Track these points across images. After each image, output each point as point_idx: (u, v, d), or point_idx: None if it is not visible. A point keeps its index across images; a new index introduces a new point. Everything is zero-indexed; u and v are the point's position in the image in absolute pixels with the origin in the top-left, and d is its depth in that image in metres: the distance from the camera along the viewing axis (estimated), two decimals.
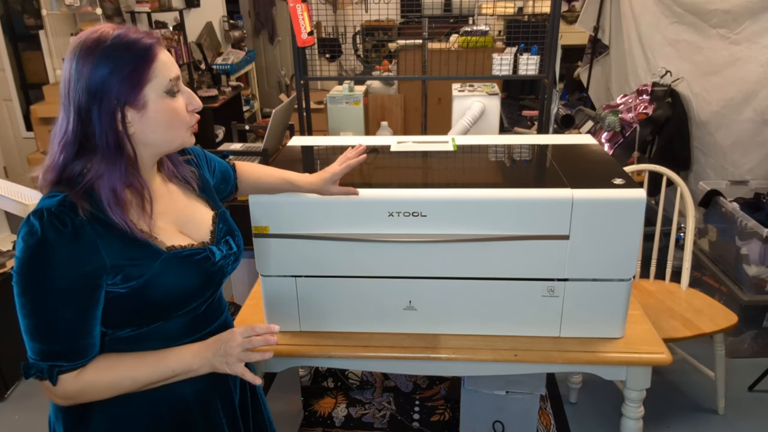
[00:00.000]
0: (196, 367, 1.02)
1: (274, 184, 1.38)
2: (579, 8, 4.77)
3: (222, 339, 1.02)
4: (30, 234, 0.89)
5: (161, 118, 0.96)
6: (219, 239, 1.11)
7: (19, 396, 2.44)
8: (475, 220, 1.38)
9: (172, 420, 1.07)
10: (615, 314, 1.46)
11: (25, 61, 4.34)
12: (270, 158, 2.44)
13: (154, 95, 0.94)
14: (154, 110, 0.95)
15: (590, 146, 1.73)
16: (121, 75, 0.91)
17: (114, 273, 0.94)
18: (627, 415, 1.52)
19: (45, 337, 0.93)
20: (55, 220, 0.89)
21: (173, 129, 0.98)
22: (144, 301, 0.98)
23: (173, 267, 0.99)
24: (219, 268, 1.08)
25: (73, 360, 0.95)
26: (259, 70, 6.41)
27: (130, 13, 4.30)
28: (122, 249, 0.95)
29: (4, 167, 4.41)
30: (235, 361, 1.00)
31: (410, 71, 3.96)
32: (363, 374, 2.49)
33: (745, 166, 2.71)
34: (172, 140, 1.00)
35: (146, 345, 1.03)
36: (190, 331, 1.08)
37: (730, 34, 2.73)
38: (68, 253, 0.90)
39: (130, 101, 0.92)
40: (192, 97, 1.01)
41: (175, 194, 1.10)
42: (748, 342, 2.52)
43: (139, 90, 0.92)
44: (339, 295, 1.50)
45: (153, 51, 0.94)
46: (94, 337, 0.97)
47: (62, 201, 0.91)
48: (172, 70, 0.96)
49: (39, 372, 0.94)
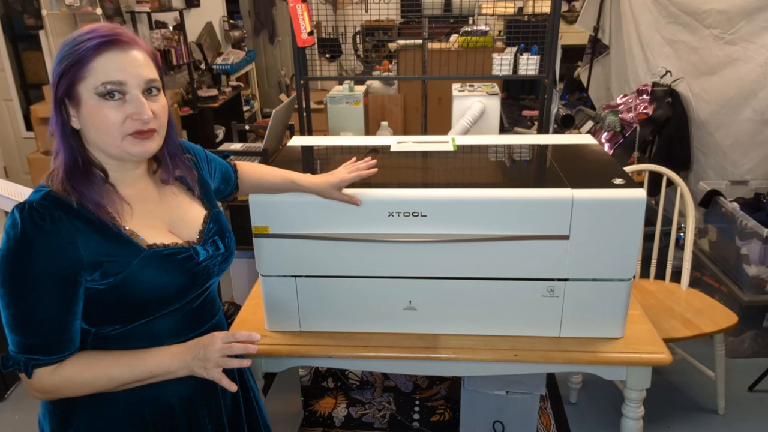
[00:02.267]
0: (174, 369, 1.01)
1: (276, 184, 1.38)
2: (579, 8, 4.77)
3: (201, 343, 1.02)
4: (11, 226, 0.91)
5: (91, 120, 0.95)
6: (206, 239, 1.10)
7: (19, 396, 2.44)
8: (475, 220, 1.38)
9: (155, 423, 1.07)
10: (615, 314, 1.46)
11: (25, 61, 4.34)
12: (270, 158, 2.44)
13: (87, 95, 0.94)
14: (86, 110, 0.95)
15: (590, 146, 1.73)
16: (61, 67, 0.93)
17: (92, 269, 0.95)
18: (627, 415, 1.52)
19: (23, 330, 0.94)
20: (35, 214, 0.91)
21: (102, 134, 0.95)
22: (124, 299, 0.98)
23: (153, 265, 0.99)
24: (203, 268, 1.07)
25: (51, 354, 0.96)
26: (259, 70, 6.42)
27: (130, 13, 4.31)
28: (102, 245, 0.95)
29: (4, 167, 4.41)
30: (212, 365, 0.99)
31: (410, 71, 3.96)
32: (363, 374, 2.49)
33: (745, 166, 2.71)
34: (106, 145, 0.97)
35: (133, 344, 1.02)
36: (179, 333, 1.07)
37: (724, 35, 2.73)
38: (45, 247, 0.91)
39: (67, 94, 0.94)
40: (140, 107, 0.95)
41: (168, 195, 1.10)
42: (748, 342, 2.52)
43: (72, 85, 0.93)
44: (339, 295, 1.50)
45: (94, 50, 0.92)
46: (73, 333, 0.97)
47: (45, 195, 0.94)
48: (112, 74, 0.93)
49: (16, 364, 0.95)
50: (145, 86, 0.97)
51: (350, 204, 1.38)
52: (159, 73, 1.01)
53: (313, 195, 1.39)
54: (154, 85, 0.98)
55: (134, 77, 0.95)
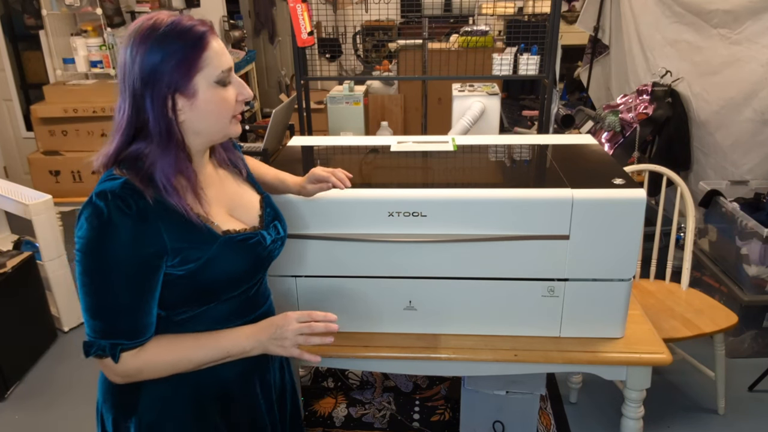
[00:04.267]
0: (249, 348, 1.05)
1: (270, 183, 1.39)
2: (579, 8, 4.77)
3: (275, 323, 1.05)
4: (95, 215, 0.91)
5: (210, 108, 0.97)
6: (268, 223, 1.14)
7: (19, 396, 2.44)
8: (475, 220, 1.38)
9: (213, 400, 1.10)
10: (615, 314, 1.46)
11: (25, 61, 4.34)
12: (270, 158, 2.44)
13: (205, 84, 0.96)
14: (203, 99, 0.96)
15: (590, 146, 1.73)
16: (172, 63, 0.92)
17: (173, 255, 0.97)
18: (627, 415, 1.52)
19: (106, 316, 0.95)
20: (120, 202, 0.92)
21: (221, 119, 1.00)
22: (199, 283, 1.00)
23: (229, 251, 1.02)
24: (268, 253, 1.11)
25: (134, 338, 0.97)
26: (259, 70, 6.41)
27: (130, 13, 4.30)
28: (182, 232, 0.97)
29: (4, 167, 4.41)
30: (290, 344, 1.04)
31: (410, 71, 3.96)
32: (363, 374, 2.49)
33: (745, 166, 2.71)
34: (219, 130, 1.02)
35: (200, 327, 1.05)
36: (239, 315, 1.10)
37: (731, 34, 2.72)
38: (132, 234, 0.92)
39: (180, 89, 0.94)
40: (243, 86, 1.02)
41: (225, 179, 1.13)
42: (748, 342, 2.52)
43: (189, 78, 0.94)
44: (339, 295, 1.50)
45: (205, 40, 0.95)
46: (153, 317, 0.99)
47: (124, 184, 0.94)
48: (223, 61, 0.97)
49: (100, 350, 0.96)
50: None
51: (336, 187, 1.33)
52: None
53: (312, 196, 1.39)
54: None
55: (230, 61, 1.00)
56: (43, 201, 2.64)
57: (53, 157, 3.48)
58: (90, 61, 3.81)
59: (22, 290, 2.53)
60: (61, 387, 2.48)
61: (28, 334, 2.60)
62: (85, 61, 3.80)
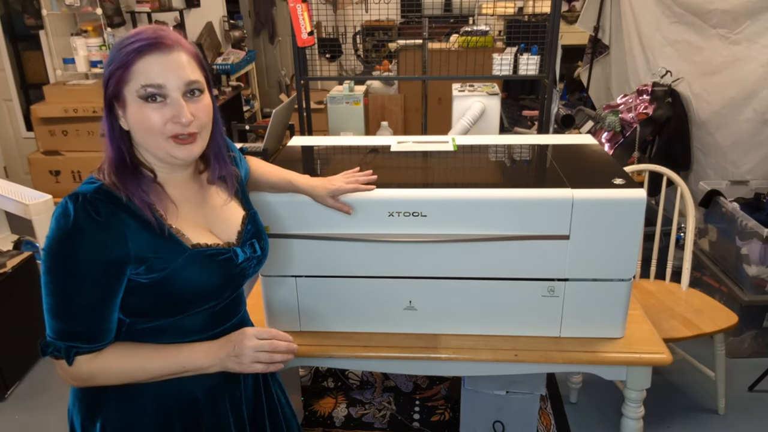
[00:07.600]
0: (207, 365, 1.05)
1: (275, 183, 1.39)
2: (579, 8, 4.77)
3: (232, 340, 1.05)
4: (63, 216, 0.93)
5: (136, 121, 0.97)
6: (245, 241, 1.13)
7: (19, 396, 2.44)
8: (475, 220, 1.38)
9: (180, 415, 1.09)
10: (615, 314, 1.46)
11: (25, 61, 4.34)
12: (270, 158, 2.44)
13: (130, 97, 0.96)
14: (130, 112, 0.97)
15: (590, 146, 1.73)
16: (108, 71, 0.96)
17: (138, 263, 0.97)
18: (627, 415, 1.52)
19: (65, 317, 0.96)
20: (89, 206, 0.93)
21: (147, 136, 0.98)
22: (164, 294, 1.00)
23: (196, 264, 1.02)
24: (240, 270, 1.10)
25: (91, 342, 0.98)
26: (260, 70, 6.41)
27: (130, 13, 4.30)
28: (149, 241, 0.98)
29: (4, 167, 4.41)
30: (249, 361, 1.03)
31: (410, 71, 3.96)
32: (363, 374, 2.49)
33: (745, 166, 2.71)
34: (157, 148, 0.99)
35: (163, 338, 1.05)
36: (207, 328, 1.10)
37: (730, 34, 2.73)
38: (96, 239, 0.93)
39: (115, 96, 0.96)
40: (179, 110, 0.96)
41: (213, 194, 1.13)
42: (748, 342, 2.52)
43: (118, 88, 0.96)
44: (339, 295, 1.50)
45: (136, 54, 0.94)
46: (112, 323, 0.99)
47: (98, 189, 0.96)
48: (152, 77, 0.94)
49: (56, 351, 0.97)
50: (185, 88, 0.98)
51: (341, 212, 1.39)
52: (203, 73, 1.02)
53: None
54: (196, 86, 0.99)
55: (174, 80, 0.96)
56: (43, 201, 2.64)
57: (53, 157, 3.48)
58: (90, 61, 3.81)
59: (22, 290, 2.53)
60: (61, 387, 2.48)
61: (29, 334, 2.60)
62: (85, 61, 3.81)
